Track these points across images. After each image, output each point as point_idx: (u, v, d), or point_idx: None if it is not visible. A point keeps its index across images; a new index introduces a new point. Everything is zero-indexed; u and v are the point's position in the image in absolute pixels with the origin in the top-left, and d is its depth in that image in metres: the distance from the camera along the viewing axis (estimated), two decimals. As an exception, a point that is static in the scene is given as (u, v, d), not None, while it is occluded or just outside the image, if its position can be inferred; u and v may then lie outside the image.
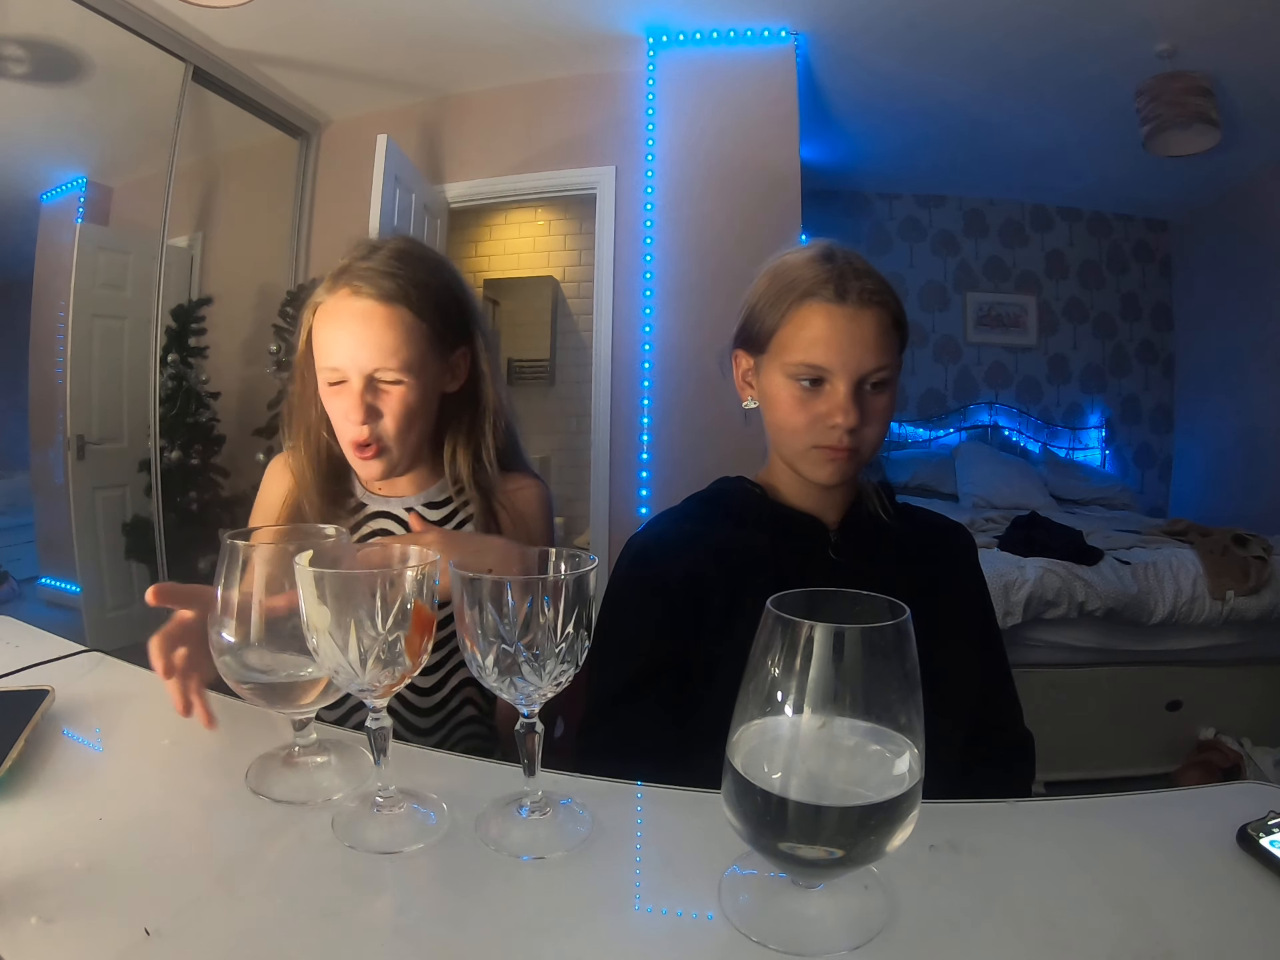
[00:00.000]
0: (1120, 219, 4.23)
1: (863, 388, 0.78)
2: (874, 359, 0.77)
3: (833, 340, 0.77)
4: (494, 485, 0.99)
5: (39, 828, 0.52)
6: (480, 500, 0.98)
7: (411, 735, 0.94)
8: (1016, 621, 2.28)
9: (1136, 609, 2.31)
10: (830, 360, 0.77)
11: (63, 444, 2.81)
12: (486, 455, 0.98)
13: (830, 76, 3.00)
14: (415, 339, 0.88)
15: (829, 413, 0.78)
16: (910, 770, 0.42)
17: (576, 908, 0.47)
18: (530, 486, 1.03)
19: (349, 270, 0.88)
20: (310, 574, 0.50)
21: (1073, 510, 3.52)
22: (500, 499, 0.99)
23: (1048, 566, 2.32)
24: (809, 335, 0.78)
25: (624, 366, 2.96)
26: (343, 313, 0.87)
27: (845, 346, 0.77)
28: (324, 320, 0.88)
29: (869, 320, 0.77)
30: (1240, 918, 0.46)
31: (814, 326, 0.78)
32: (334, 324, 0.87)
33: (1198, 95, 2.59)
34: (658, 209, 2.87)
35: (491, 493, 0.98)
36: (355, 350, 0.86)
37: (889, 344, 0.79)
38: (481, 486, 0.98)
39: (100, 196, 3.03)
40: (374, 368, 0.86)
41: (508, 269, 4.46)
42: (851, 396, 0.77)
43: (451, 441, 0.98)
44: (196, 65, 2.77)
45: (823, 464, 0.80)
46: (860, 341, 0.77)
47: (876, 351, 0.77)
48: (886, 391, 0.80)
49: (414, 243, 0.94)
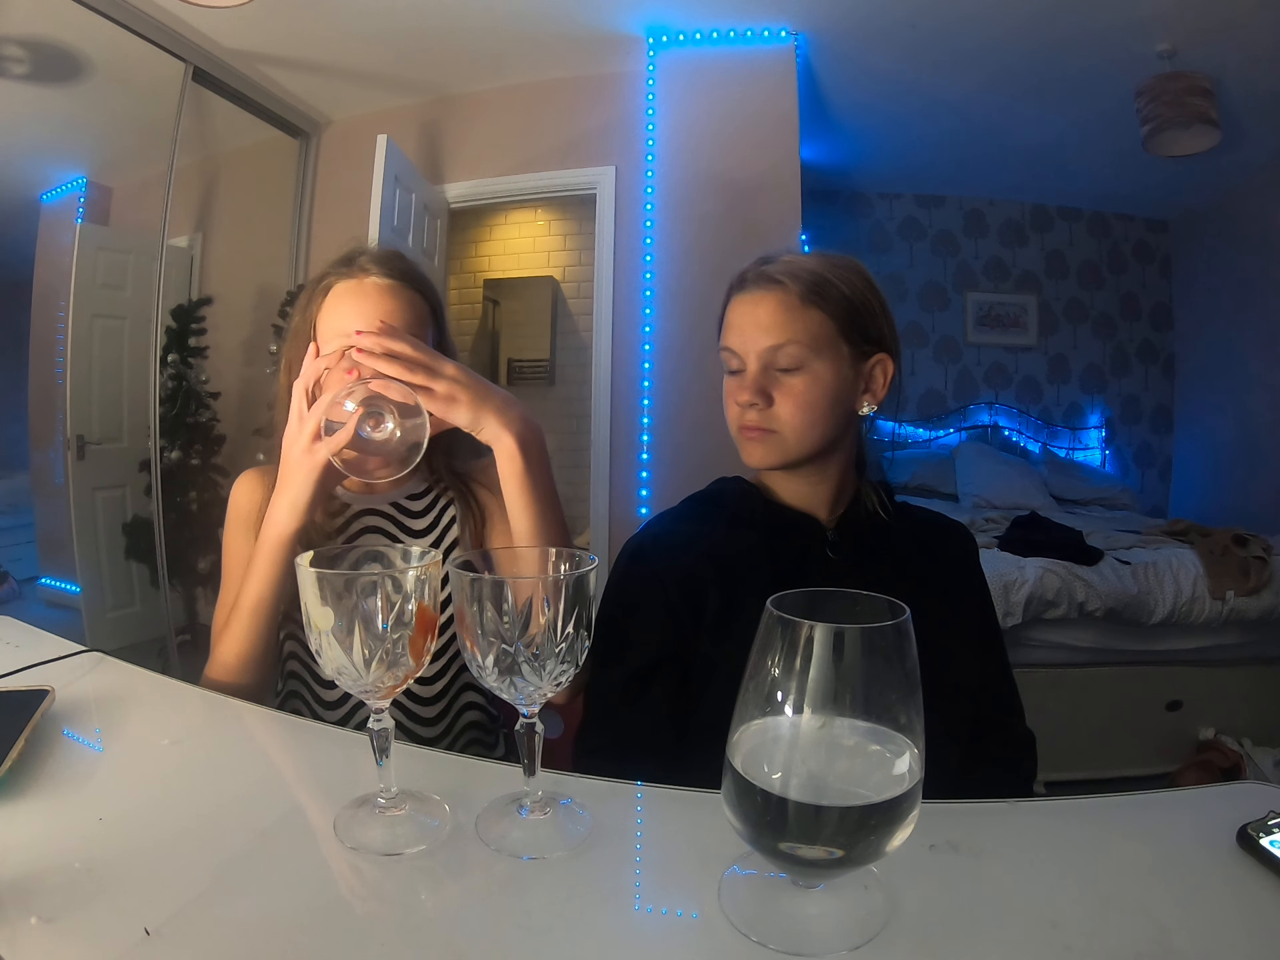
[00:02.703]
0: (1120, 219, 4.23)
1: (771, 369, 0.82)
2: (769, 337, 0.81)
3: (735, 324, 0.84)
4: (468, 469, 1.01)
5: (39, 828, 0.52)
6: (456, 485, 1.00)
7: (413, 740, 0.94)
8: (1016, 621, 2.28)
9: (1136, 609, 2.31)
10: (733, 341, 0.84)
11: (63, 444, 2.81)
12: (459, 444, 0.98)
13: (830, 76, 3.00)
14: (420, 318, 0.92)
15: (738, 391, 0.83)
16: (910, 770, 0.42)
17: (576, 908, 0.47)
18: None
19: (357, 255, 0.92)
20: (312, 574, 0.50)
21: (1073, 510, 3.52)
22: (477, 479, 1.00)
23: (1048, 566, 2.32)
24: (726, 324, 0.86)
25: (624, 366, 2.96)
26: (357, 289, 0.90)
27: (745, 328, 0.83)
28: (338, 296, 0.90)
29: (765, 301, 0.82)
30: (1240, 918, 0.46)
31: (730, 316, 0.85)
32: (349, 298, 0.89)
33: (1198, 95, 2.59)
34: (658, 209, 2.87)
35: (466, 476, 1.01)
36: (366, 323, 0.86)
37: (795, 322, 0.81)
38: (456, 471, 1.01)
39: (100, 196, 3.03)
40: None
41: (508, 269, 4.46)
42: (755, 376, 0.81)
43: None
44: (196, 65, 2.77)
45: (744, 444, 0.85)
46: (755, 322, 0.82)
47: (773, 329, 0.81)
48: (801, 373, 0.81)
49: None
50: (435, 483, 1.01)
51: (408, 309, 0.90)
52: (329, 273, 0.92)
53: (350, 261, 0.91)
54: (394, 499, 0.98)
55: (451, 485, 1.00)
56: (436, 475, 1.00)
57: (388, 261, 0.92)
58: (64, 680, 0.73)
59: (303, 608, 0.52)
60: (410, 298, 0.91)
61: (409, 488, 1.00)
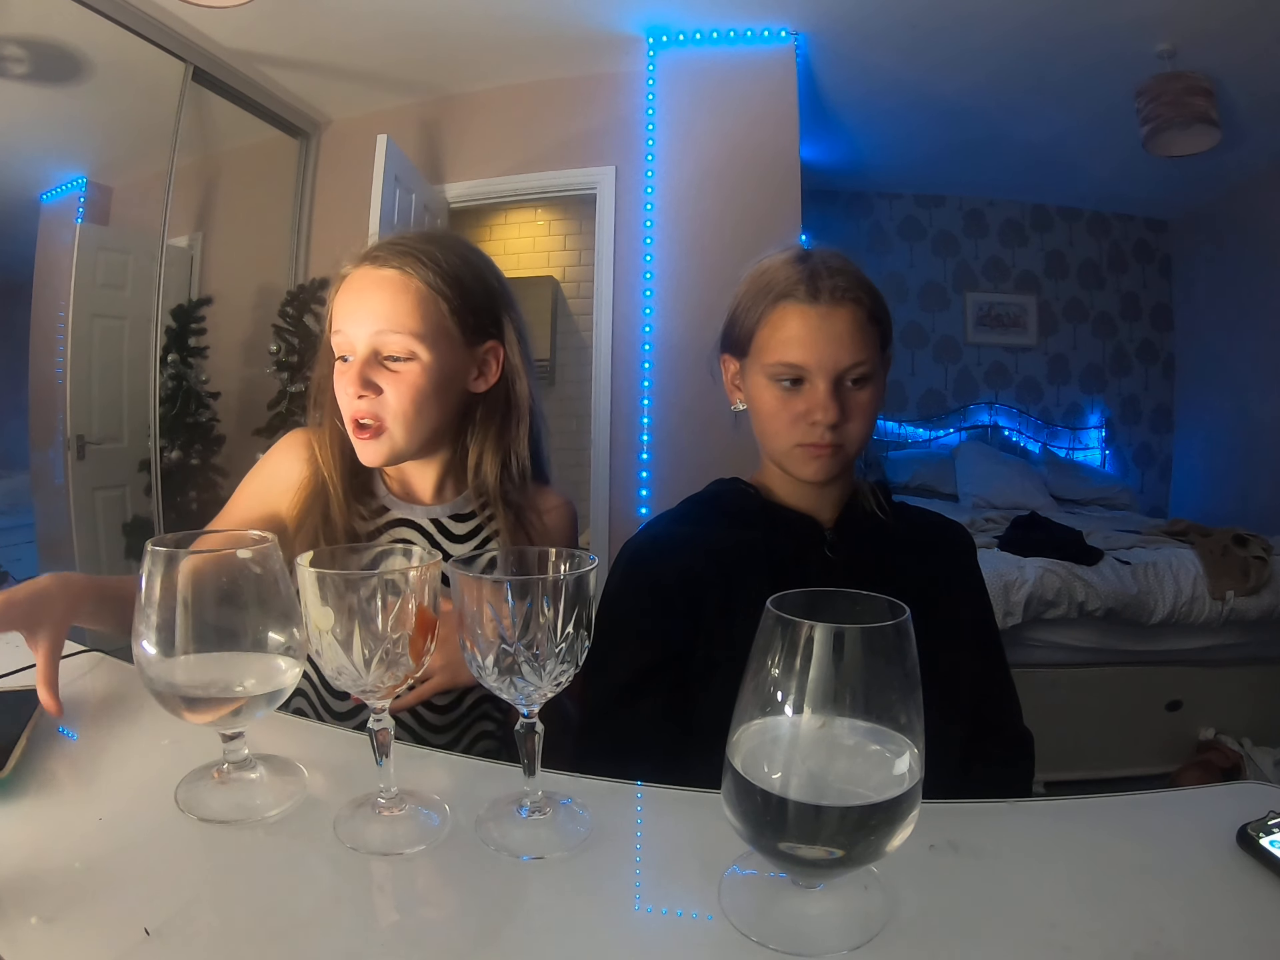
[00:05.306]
0: (1120, 219, 4.23)
1: (843, 384, 0.79)
2: (849, 355, 0.78)
3: (807, 339, 0.78)
4: (524, 501, 0.93)
5: (39, 828, 0.52)
6: (508, 515, 0.91)
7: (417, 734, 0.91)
8: (1016, 621, 2.28)
9: (1136, 609, 2.31)
10: (806, 359, 0.79)
11: (63, 444, 2.80)
12: (517, 464, 0.92)
13: (830, 76, 3.00)
14: (431, 311, 0.83)
15: (809, 410, 0.79)
16: (910, 770, 0.42)
17: (576, 908, 0.47)
18: (561, 507, 0.99)
19: (377, 246, 0.86)
20: (312, 574, 0.50)
21: (1073, 510, 3.52)
22: (530, 517, 0.92)
23: (1048, 566, 2.32)
24: (784, 336, 0.80)
25: (624, 366, 2.96)
26: (360, 279, 0.85)
27: (820, 344, 0.78)
28: (342, 291, 0.86)
29: (842, 317, 0.78)
30: (1240, 918, 0.46)
31: (789, 327, 0.79)
32: (349, 293, 0.85)
33: (1198, 95, 2.59)
34: (658, 209, 2.87)
35: (521, 509, 0.92)
36: (363, 316, 0.83)
37: (865, 339, 0.79)
38: (510, 501, 0.92)
39: (100, 196, 3.03)
40: (377, 329, 0.82)
41: (508, 269, 4.35)
42: (830, 393, 0.78)
43: (478, 446, 0.91)
44: (196, 65, 2.77)
45: (807, 461, 0.81)
46: (834, 339, 0.78)
47: (852, 347, 0.78)
48: (868, 387, 0.81)
49: (448, 231, 0.94)
50: (481, 506, 0.93)
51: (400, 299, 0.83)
52: (343, 259, 0.88)
53: (373, 248, 0.86)
54: (436, 515, 0.92)
55: (500, 514, 0.91)
56: (484, 498, 0.92)
57: (406, 251, 0.84)
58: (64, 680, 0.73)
59: (303, 607, 0.52)
60: (410, 286, 0.83)
61: (455, 505, 0.93)
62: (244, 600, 0.54)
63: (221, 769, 0.58)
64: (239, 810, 0.54)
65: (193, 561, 0.53)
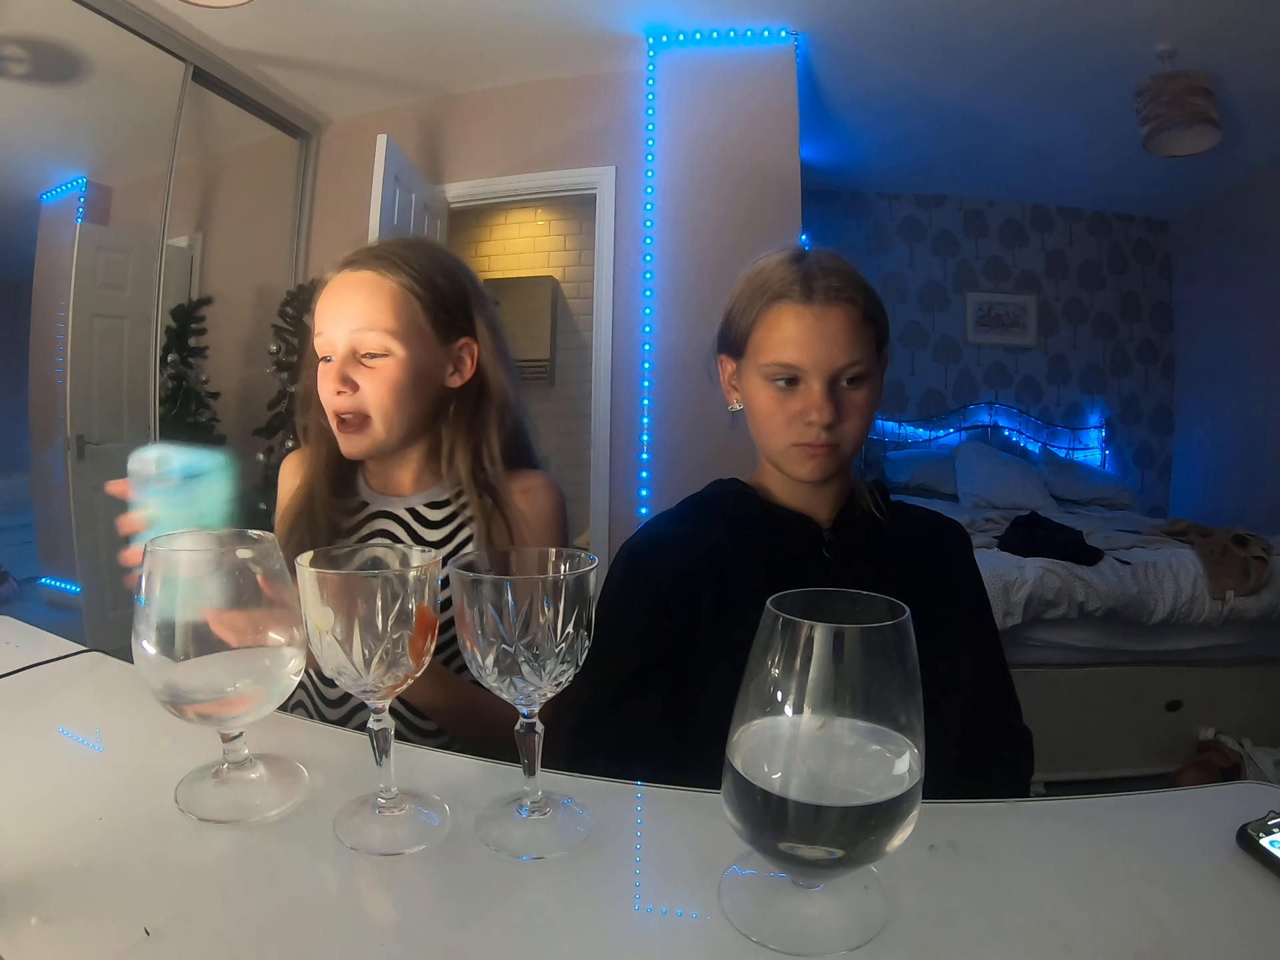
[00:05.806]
0: (1120, 219, 4.23)
1: (838, 384, 0.80)
2: (844, 355, 0.79)
3: (802, 339, 0.79)
4: (498, 485, 0.94)
5: (39, 828, 0.52)
6: (481, 501, 0.92)
7: (415, 736, 0.92)
8: (1016, 621, 2.28)
9: (1136, 609, 2.31)
10: (801, 359, 0.79)
11: (63, 444, 2.81)
12: (488, 452, 0.94)
13: (830, 76, 3.00)
14: (404, 310, 0.88)
15: (805, 410, 0.79)
16: (910, 770, 0.42)
17: (576, 908, 0.47)
18: (540, 487, 0.97)
19: (355, 253, 0.91)
20: (312, 574, 0.50)
21: (1073, 510, 3.52)
22: (505, 499, 0.94)
23: (1048, 566, 2.32)
24: (780, 336, 0.80)
25: (624, 366, 2.96)
26: (338, 283, 0.89)
27: (815, 344, 0.78)
28: (323, 296, 0.90)
29: (837, 317, 0.79)
30: (1240, 918, 0.46)
31: (784, 327, 0.80)
32: (329, 297, 0.89)
33: (1198, 95, 2.59)
34: (658, 209, 2.87)
35: (495, 492, 0.93)
36: (341, 317, 0.87)
37: (860, 339, 0.80)
38: (482, 485, 0.93)
39: (100, 196, 3.03)
40: (354, 328, 0.86)
41: (508, 269, 4.46)
42: (826, 393, 0.79)
43: (450, 437, 0.94)
44: (196, 65, 2.77)
45: (804, 461, 0.82)
46: (829, 339, 0.78)
47: (846, 347, 0.79)
48: (864, 386, 0.81)
49: (427, 239, 0.99)
50: (455, 495, 0.94)
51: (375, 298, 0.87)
52: (326, 267, 0.93)
53: (353, 254, 0.91)
54: (412, 504, 0.95)
55: (473, 500, 0.93)
56: (458, 486, 0.94)
57: (382, 256, 0.89)
58: (64, 680, 0.73)
59: (302, 607, 0.52)
60: (384, 286, 0.87)
61: (430, 493, 0.96)
62: (244, 600, 0.54)
63: (221, 769, 0.58)
64: (239, 810, 0.54)
65: (193, 561, 0.54)
